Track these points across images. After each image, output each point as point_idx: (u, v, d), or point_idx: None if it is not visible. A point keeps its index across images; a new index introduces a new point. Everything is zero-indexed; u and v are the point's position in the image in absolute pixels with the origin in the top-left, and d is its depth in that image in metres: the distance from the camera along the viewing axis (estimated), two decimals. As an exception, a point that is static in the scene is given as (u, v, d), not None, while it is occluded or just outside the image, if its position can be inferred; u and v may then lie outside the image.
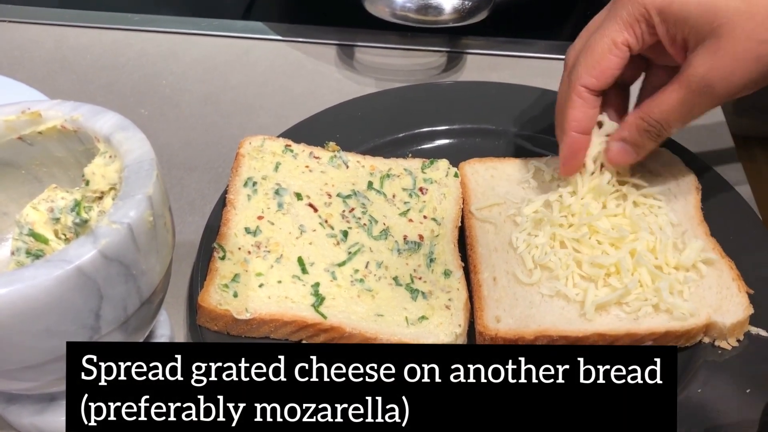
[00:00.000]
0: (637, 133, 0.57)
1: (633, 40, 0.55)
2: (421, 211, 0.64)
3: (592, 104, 0.58)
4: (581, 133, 0.59)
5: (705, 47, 0.52)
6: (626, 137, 0.58)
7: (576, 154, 0.59)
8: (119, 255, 0.43)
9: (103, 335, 0.45)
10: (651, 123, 0.56)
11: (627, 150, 0.59)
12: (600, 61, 0.56)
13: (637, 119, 0.57)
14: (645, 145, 0.58)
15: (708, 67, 0.52)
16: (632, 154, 0.59)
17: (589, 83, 0.57)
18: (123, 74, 0.83)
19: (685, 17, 0.52)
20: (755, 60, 0.51)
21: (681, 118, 0.56)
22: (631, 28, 0.55)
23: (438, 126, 0.72)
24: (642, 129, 0.57)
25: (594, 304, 0.56)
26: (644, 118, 0.56)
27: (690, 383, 0.53)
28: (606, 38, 0.55)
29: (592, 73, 0.56)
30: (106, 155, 0.49)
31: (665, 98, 0.55)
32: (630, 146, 0.58)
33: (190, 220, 0.67)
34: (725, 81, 0.52)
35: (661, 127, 0.56)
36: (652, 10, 0.53)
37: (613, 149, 0.59)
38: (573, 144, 0.59)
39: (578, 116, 0.58)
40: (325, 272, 0.58)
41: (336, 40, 0.87)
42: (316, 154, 0.67)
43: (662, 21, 0.53)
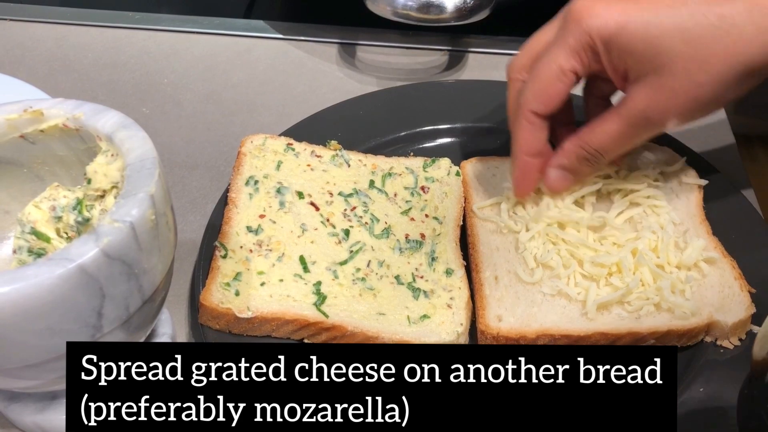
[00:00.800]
0: (576, 161, 0.59)
1: (579, 67, 0.56)
2: (423, 210, 0.64)
3: (541, 127, 0.58)
4: (532, 155, 0.59)
5: (646, 82, 0.53)
6: (565, 165, 0.59)
7: (527, 175, 0.60)
8: (121, 254, 0.43)
9: (105, 334, 0.45)
10: (589, 151, 0.58)
11: (565, 177, 0.60)
12: (547, 88, 0.57)
13: (576, 147, 0.58)
14: (583, 171, 0.60)
15: (647, 102, 0.54)
16: (570, 180, 0.60)
17: (538, 109, 0.57)
18: (124, 73, 0.83)
19: (629, 51, 0.53)
20: (693, 100, 0.53)
21: (619, 148, 0.58)
22: (577, 55, 0.55)
23: (440, 125, 0.72)
24: (581, 157, 0.58)
25: (596, 303, 0.56)
26: (583, 147, 0.58)
27: (692, 382, 0.53)
28: (553, 65, 0.56)
29: (540, 100, 0.57)
30: (108, 154, 0.49)
31: (605, 128, 0.56)
32: (568, 173, 0.60)
33: (191, 218, 0.68)
34: (664, 116, 0.54)
35: (599, 155, 0.58)
36: (598, 41, 0.54)
37: (551, 177, 0.60)
38: (524, 166, 0.60)
39: (528, 139, 0.59)
40: (326, 271, 0.58)
41: (337, 38, 0.87)
42: (318, 152, 0.67)
43: (606, 51, 0.54)
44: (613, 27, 0.53)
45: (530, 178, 0.60)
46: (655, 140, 0.68)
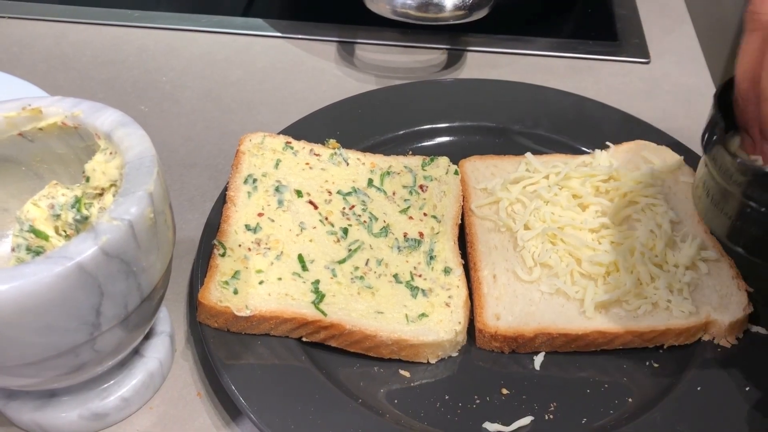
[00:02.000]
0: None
1: None
2: (422, 209, 0.64)
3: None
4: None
5: None
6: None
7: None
8: (120, 252, 0.43)
9: (103, 332, 0.45)
10: None
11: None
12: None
13: None
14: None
15: None
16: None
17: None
18: (123, 70, 0.83)
19: None
20: None
21: None
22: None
23: (438, 123, 0.72)
24: None
25: (594, 302, 0.56)
26: None
27: (689, 381, 0.53)
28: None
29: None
30: (107, 152, 0.49)
31: None
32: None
33: (190, 216, 0.67)
34: None
35: None
36: None
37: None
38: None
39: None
40: (325, 269, 0.58)
41: (336, 37, 0.86)
42: (317, 151, 0.67)
43: None
44: None
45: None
46: (653, 140, 0.68)
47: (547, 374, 0.55)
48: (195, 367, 0.57)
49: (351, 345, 0.55)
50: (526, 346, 0.56)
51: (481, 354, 0.56)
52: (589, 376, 0.55)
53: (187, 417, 0.54)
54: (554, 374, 0.55)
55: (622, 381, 0.55)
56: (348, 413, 0.51)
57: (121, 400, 0.52)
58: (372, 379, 0.55)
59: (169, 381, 0.56)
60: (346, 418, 0.51)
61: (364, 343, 0.54)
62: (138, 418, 0.54)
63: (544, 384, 0.55)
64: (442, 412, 0.53)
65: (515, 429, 0.52)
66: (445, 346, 0.55)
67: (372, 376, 0.55)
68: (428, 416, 0.53)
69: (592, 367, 0.56)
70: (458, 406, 0.53)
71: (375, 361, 0.55)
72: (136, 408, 0.54)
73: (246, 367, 0.53)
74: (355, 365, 0.55)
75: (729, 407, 0.51)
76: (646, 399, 0.53)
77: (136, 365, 0.54)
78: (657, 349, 0.56)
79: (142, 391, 0.54)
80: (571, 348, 0.56)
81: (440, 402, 0.53)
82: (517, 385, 0.54)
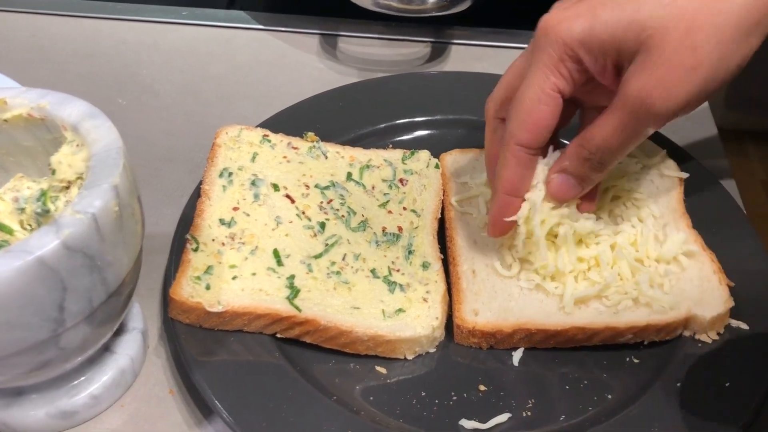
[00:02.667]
0: (578, 162, 0.52)
1: (562, 83, 0.50)
2: (401, 203, 0.63)
3: (527, 164, 0.53)
4: (514, 195, 0.54)
5: (637, 64, 0.48)
6: (567, 167, 0.53)
7: (506, 215, 0.54)
8: (83, 246, 0.42)
9: (68, 328, 0.44)
10: (591, 150, 0.51)
11: (570, 183, 0.53)
12: (532, 114, 0.51)
13: (577, 147, 0.52)
14: (588, 176, 0.53)
15: (643, 84, 0.48)
16: (576, 187, 0.53)
17: (524, 140, 0.51)
18: (102, 64, 0.82)
19: (610, 40, 0.48)
20: (692, 69, 0.47)
21: (622, 144, 0.51)
22: (556, 70, 0.50)
23: (420, 117, 0.71)
24: (582, 158, 0.52)
25: (573, 297, 0.55)
26: (584, 145, 0.51)
27: (669, 377, 0.53)
28: (533, 88, 0.50)
29: (524, 128, 0.51)
30: (74, 144, 0.48)
31: (603, 123, 0.50)
32: (573, 178, 0.53)
33: (166, 211, 0.66)
34: (663, 96, 0.48)
35: (602, 155, 0.51)
36: (575, 44, 0.49)
37: (554, 182, 0.53)
38: (503, 206, 0.54)
39: (512, 177, 0.53)
40: (301, 264, 0.57)
41: (319, 29, 0.85)
42: (295, 144, 0.65)
43: (587, 52, 0.49)
44: (586, 23, 0.48)
45: (507, 217, 0.54)
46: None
47: (525, 370, 0.54)
48: (168, 364, 0.56)
49: (326, 341, 0.54)
50: (505, 342, 0.55)
51: (459, 350, 0.55)
52: (569, 372, 0.54)
53: (159, 415, 0.53)
54: (533, 370, 0.54)
55: (601, 377, 0.54)
56: (322, 410, 0.50)
57: (90, 398, 0.51)
58: (348, 375, 0.54)
59: (141, 378, 0.55)
60: (320, 416, 0.50)
61: (340, 339, 0.54)
62: (108, 416, 0.53)
63: (523, 380, 0.54)
64: (418, 409, 0.52)
65: (492, 426, 0.51)
66: (422, 341, 0.54)
67: (348, 373, 0.54)
68: (404, 413, 0.52)
69: (572, 363, 0.55)
70: (435, 402, 0.52)
71: (351, 357, 0.55)
72: (106, 406, 0.53)
73: (218, 364, 0.52)
74: (330, 361, 0.54)
75: (709, 403, 0.51)
76: (626, 395, 0.53)
77: (106, 362, 0.53)
78: (637, 344, 0.55)
79: (113, 389, 0.53)
80: (550, 344, 0.55)
81: (417, 399, 0.53)
82: (495, 382, 0.53)
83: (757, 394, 0.50)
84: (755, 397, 0.50)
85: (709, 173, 0.65)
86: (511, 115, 0.52)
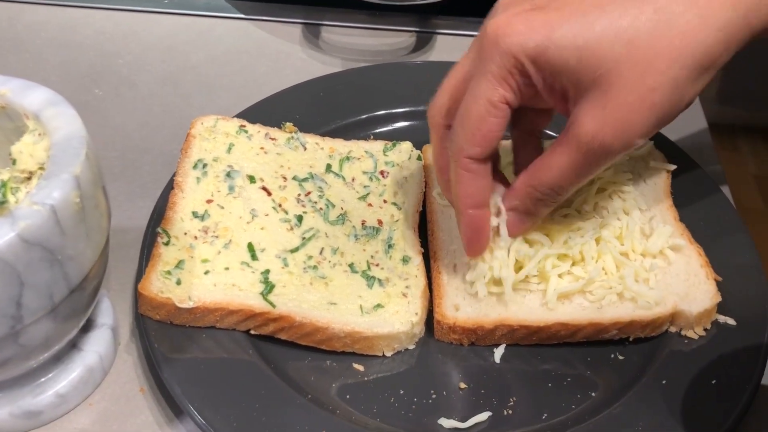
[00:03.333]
0: (529, 202, 0.51)
1: (510, 96, 0.48)
2: (381, 195, 0.61)
3: (483, 174, 0.50)
4: (478, 208, 0.51)
5: (591, 102, 0.46)
6: (518, 207, 0.52)
7: (478, 232, 0.52)
8: (41, 239, 0.40)
9: (27, 325, 0.42)
10: (542, 191, 0.50)
11: (522, 220, 0.52)
12: (480, 127, 0.48)
13: (527, 187, 0.51)
14: (539, 212, 0.52)
15: (599, 125, 0.46)
16: (527, 222, 0.53)
17: (474, 153, 0.49)
18: (79, 53, 0.80)
19: (562, 66, 0.46)
20: (649, 108, 0.46)
21: (573, 182, 0.50)
22: (505, 82, 0.47)
23: (402, 107, 0.70)
24: (534, 198, 0.51)
25: (556, 292, 0.53)
26: (535, 186, 0.50)
27: (654, 374, 0.51)
28: (480, 99, 0.48)
29: (474, 142, 0.49)
30: (36, 133, 0.46)
31: (554, 162, 0.49)
32: (524, 215, 0.52)
33: (141, 204, 0.64)
34: (621, 136, 0.46)
35: (554, 192, 0.50)
36: (524, 60, 0.46)
37: (507, 222, 0.53)
38: (472, 222, 0.52)
39: (470, 191, 0.51)
40: (276, 259, 0.55)
41: (302, 18, 0.84)
42: (272, 135, 0.64)
43: (537, 70, 0.47)
44: (539, 40, 0.46)
45: (483, 233, 0.52)
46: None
47: (507, 367, 0.53)
48: (139, 362, 0.54)
49: (302, 338, 0.52)
50: (486, 339, 0.53)
51: (439, 347, 0.54)
52: (552, 369, 0.53)
53: (129, 413, 0.51)
54: (515, 367, 0.53)
55: (585, 374, 0.52)
56: (295, 409, 0.49)
57: (56, 397, 0.50)
58: (324, 373, 0.52)
59: (111, 376, 0.53)
60: (293, 415, 0.48)
61: (316, 335, 0.52)
62: (76, 415, 0.51)
63: (504, 378, 0.52)
64: (396, 408, 0.50)
65: (471, 425, 0.49)
66: (401, 338, 0.53)
67: (324, 371, 0.52)
68: (381, 412, 0.50)
69: (555, 360, 0.53)
70: (413, 401, 0.51)
71: (328, 354, 0.53)
72: (73, 405, 0.51)
73: (189, 362, 0.50)
74: (306, 359, 0.53)
75: (695, 402, 0.49)
76: (610, 393, 0.51)
77: (73, 359, 0.51)
78: (622, 341, 0.54)
79: (80, 387, 0.51)
80: (533, 340, 0.53)
81: (395, 397, 0.51)
82: (475, 379, 0.52)
83: (745, 393, 0.49)
84: (742, 395, 0.49)
85: (698, 166, 0.63)
86: (457, 129, 0.50)
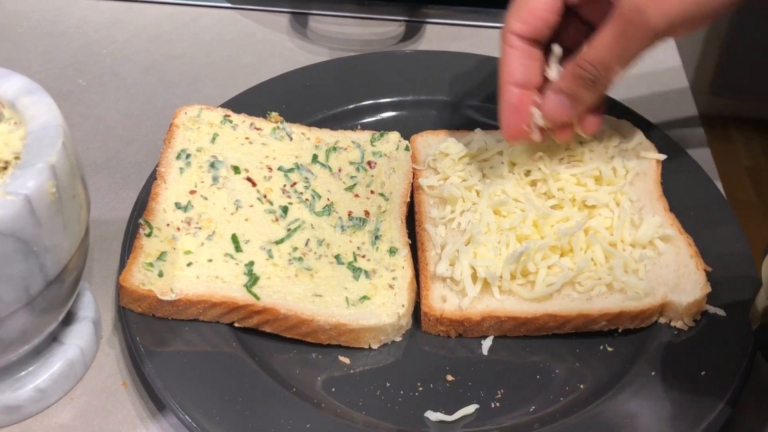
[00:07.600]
0: (572, 79, 0.52)
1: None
2: (369, 186, 0.60)
3: (527, 54, 0.52)
4: (519, 86, 0.52)
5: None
6: (562, 87, 0.53)
7: (515, 111, 0.53)
8: (15, 230, 0.39)
9: (2, 317, 0.41)
10: (585, 67, 0.51)
11: (563, 102, 0.53)
12: (528, 2, 0.51)
13: (572, 65, 0.52)
14: (581, 95, 0.52)
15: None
16: (568, 107, 0.53)
17: (518, 29, 0.51)
18: (62, 43, 0.79)
19: None
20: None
21: (617, 58, 0.50)
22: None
23: (390, 97, 0.69)
24: (577, 75, 0.51)
25: (545, 283, 0.53)
26: (579, 64, 0.51)
27: (644, 366, 0.51)
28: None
29: (519, 17, 0.51)
30: (11, 122, 0.45)
31: (599, 37, 0.50)
32: (566, 98, 0.53)
33: (124, 195, 0.63)
34: (658, 8, 0.48)
35: (596, 71, 0.51)
36: None
37: (548, 102, 0.53)
38: (510, 98, 0.53)
39: (512, 68, 0.52)
40: (260, 250, 0.54)
41: (289, 7, 0.82)
42: (258, 125, 0.63)
43: None
44: None
45: (519, 113, 0.53)
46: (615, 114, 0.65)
47: (495, 359, 0.52)
48: (122, 356, 0.53)
49: (286, 330, 0.51)
50: (474, 331, 0.53)
51: (426, 339, 0.53)
52: (540, 361, 0.52)
53: (111, 408, 0.51)
54: (503, 359, 0.52)
55: (574, 366, 0.52)
56: (280, 403, 0.48)
57: (36, 391, 0.49)
58: (309, 366, 0.51)
59: (93, 370, 0.52)
60: (278, 409, 0.48)
61: (301, 328, 0.51)
62: (57, 410, 0.50)
63: (492, 370, 0.52)
64: (382, 401, 0.50)
65: (459, 418, 0.49)
66: (388, 330, 0.52)
67: (309, 363, 0.52)
68: (367, 405, 0.49)
69: (544, 352, 0.53)
70: (400, 394, 0.50)
71: (313, 347, 0.52)
72: (54, 399, 0.50)
73: (171, 355, 0.50)
74: (291, 352, 0.52)
75: (684, 393, 0.49)
76: (599, 385, 0.51)
77: (54, 353, 0.50)
78: (611, 332, 0.53)
79: (61, 381, 0.50)
80: (521, 332, 0.53)
81: (381, 390, 0.50)
82: (463, 372, 0.51)
83: (734, 384, 0.48)
84: (732, 387, 0.48)
85: (688, 156, 0.63)
86: (510, 8, 0.52)
